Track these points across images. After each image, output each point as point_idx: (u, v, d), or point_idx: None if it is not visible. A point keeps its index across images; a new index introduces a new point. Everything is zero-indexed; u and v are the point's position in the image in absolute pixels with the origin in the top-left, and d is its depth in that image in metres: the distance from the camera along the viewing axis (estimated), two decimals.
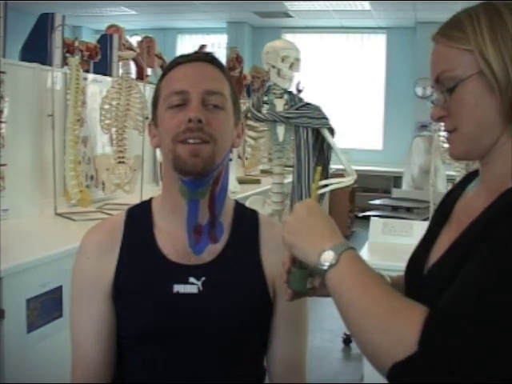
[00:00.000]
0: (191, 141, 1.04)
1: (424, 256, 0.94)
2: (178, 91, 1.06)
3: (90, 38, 5.56)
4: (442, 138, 2.93)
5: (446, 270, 0.82)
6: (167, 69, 1.12)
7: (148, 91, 3.08)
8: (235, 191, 3.40)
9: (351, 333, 0.81)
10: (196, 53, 1.13)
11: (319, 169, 0.96)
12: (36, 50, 2.77)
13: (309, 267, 0.89)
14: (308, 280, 0.93)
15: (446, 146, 0.96)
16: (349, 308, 0.80)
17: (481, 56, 0.81)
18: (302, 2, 6.98)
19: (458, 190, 0.99)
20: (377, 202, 5.58)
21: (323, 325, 3.87)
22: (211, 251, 1.11)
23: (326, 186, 2.64)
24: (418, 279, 0.92)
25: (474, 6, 0.85)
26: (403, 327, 0.73)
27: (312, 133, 2.57)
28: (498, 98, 0.81)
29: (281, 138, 2.59)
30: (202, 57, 1.11)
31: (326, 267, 0.81)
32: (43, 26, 2.79)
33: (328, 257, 0.82)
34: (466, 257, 0.78)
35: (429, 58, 0.89)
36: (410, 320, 0.73)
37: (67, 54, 2.94)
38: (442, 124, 0.89)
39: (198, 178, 1.06)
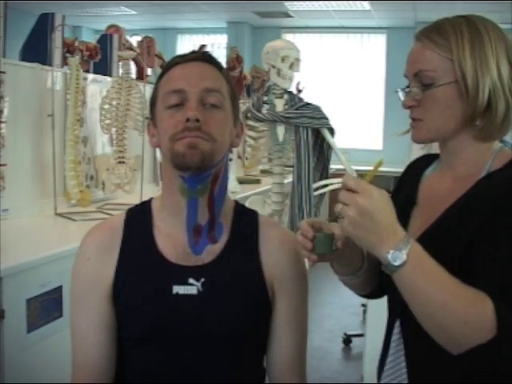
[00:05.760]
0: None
1: None
2: (176, 90, 1.06)
3: (90, 38, 5.55)
4: None
5: (432, 247, 0.90)
6: (165, 69, 1.12)
7: (148, 91, 3.08)
8: (235, 191, 3.39)
9: (425, 323, 0.88)
10: (193, 52, 1.13)
11: (381, 161, 0.96)
12: (36, 50, 2.77)
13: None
14: (333, 243, 0.98)
15: None
16: (426, 303, 0.86)
17: (459, 67, 0.95)
18: (301, 2, 6.98)
19: (415, 173, 1.12)
20: None
21: (323, 325, 3.87)
22: (211, 252, 1.11)
23: (326, 185, 2.65)
24: None
25: (456, 18, 0.99)
26: (482, 317, 0.83)
27: (312, 133, 2.57)
28: (465, 104, 0.96)
29: (281, 138, 2.59)
30: (200, 56, 1.11)
31: (396, 267, 0.86)
32: (43, 25, 2.79)
33: (397, 256, 0.86)
34: (460, 237, 0.91)
35: (410, 54, 1.02)
36: (486, 310, 0.84)
37: (67, 54, 2.94)
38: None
39: (197, 173, 1.06)
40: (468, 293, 0.86)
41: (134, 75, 3.37)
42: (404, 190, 1.12)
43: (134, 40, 3.74)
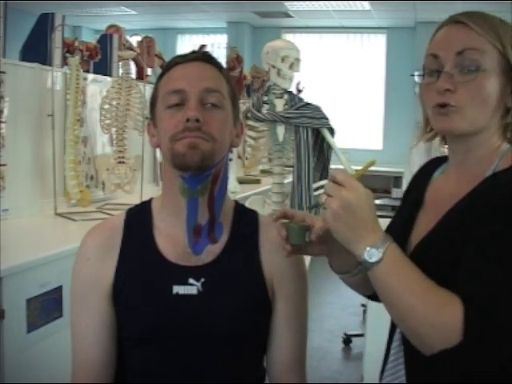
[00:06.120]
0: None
1: (403, 238, 1.01)
2: (176, 90, 1.06)
3: (90, 38, 5.55)
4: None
5: (434, 249, 0.93)
6: (165, 69, 1.12)
7: (148, 91, 3.08)
8: (235, 191, 3.39)
9: (397, 322, 0.91)
10: (194, 52, 1.13)
11: (373, 161, 0.95)
12: (36, 50, 2.77)
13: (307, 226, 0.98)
14: (306, 234, 0.98)
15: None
16: (397, 303, 0.88)
17: (507, 59, 0.93)
18: (301, 2, 6.98)
19: (425, 176, 1.10)
20: (377, 201, 5.58)
21: (323, 325, 3.87)
22: (211, 252, 1.11)
23: None
24: None
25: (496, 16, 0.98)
26: (449, 321, 0.83)
27: (312, 133, 2.57)
28: (504, 98, 0.94)
29: (281, 138, 2.59)
30: (200, 56, 1.12)
31: (371, 263, 0.88)
32: (43, 26, 2.79)
33: (373, 253, 0.87)
34: (461, 237, 0.89)
35: (448, 34, 0.96)
36: (453, 314, 0.83)
37: (67, 54, 2.94)
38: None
39: (197, 173, 1.06)
40: (438, 297, 0.85)
41: (134, 75, 3.37)
42: (413, 192, 1.11)
43: (134, 40, 3.74)
